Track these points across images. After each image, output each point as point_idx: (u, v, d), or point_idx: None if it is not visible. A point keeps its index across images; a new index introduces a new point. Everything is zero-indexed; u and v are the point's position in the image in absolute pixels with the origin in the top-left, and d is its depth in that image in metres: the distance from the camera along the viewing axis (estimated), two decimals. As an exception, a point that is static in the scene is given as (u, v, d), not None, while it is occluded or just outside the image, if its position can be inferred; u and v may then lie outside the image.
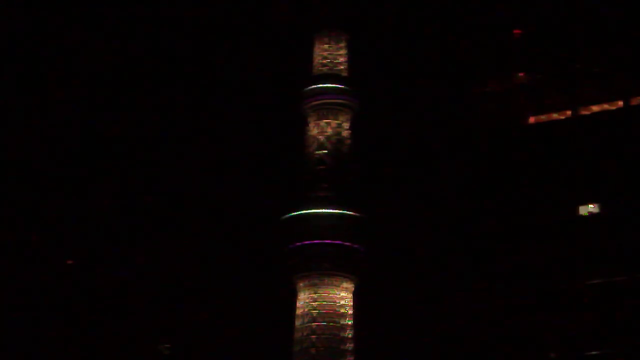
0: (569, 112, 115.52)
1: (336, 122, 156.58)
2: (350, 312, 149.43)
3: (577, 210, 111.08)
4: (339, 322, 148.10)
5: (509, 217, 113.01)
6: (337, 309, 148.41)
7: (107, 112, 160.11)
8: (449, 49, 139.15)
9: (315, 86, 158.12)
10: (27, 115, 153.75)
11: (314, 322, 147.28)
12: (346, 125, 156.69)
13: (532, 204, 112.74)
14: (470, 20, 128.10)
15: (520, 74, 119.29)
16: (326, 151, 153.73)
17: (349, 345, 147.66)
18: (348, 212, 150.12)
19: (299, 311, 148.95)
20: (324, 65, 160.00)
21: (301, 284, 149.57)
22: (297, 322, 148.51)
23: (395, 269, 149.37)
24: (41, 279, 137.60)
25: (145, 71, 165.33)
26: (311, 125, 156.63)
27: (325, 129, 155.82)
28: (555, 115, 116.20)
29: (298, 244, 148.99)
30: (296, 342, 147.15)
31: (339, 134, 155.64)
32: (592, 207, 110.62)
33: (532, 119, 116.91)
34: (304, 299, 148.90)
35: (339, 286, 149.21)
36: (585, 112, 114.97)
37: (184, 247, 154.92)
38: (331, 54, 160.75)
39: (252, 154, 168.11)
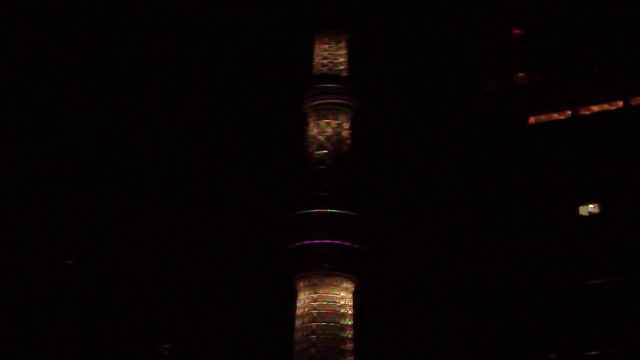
0: (569, 112, 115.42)
1: (336, 122, 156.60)
2: (350, 312, 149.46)
3: (577, 210, 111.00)
4: (339, 322, 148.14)
5: (508, 217, 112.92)
6: (337, 309, 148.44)
7: (107, 110, 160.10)
8: (448, 49, 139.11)
9: (315, 86, 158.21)
10: (26, 115, 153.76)
11: (314, 322, 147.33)
12: (346, 125, 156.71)
13: (532, 203, 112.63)
14: (470, 20, 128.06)
15: (520, 74, 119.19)
16: (326, 151, 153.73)
17: (349, 345, 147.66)
18: (348, 212, 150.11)
19: (299, 311, 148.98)
20: (324, 65, 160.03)
21: (301, 284, 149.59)
22: (297, 322, 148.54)
23: (395, 269, 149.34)
24: (41, 279, 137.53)
25: (146, 71, 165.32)
26: (311, 125, 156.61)
27: (325, 129, 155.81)
28: (555, 115, 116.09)
29: (298, 244, 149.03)
30: (296, 342, 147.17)
31: (339, 134, 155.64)
32: (592, 207, 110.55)
33: (532, 119, 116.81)
34: (304, 299, 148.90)
35: (339, 286, 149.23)
36: (585, 112, 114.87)
37: (184, 248, 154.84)
38: (331, 54, 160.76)
39: (252, 154, 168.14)
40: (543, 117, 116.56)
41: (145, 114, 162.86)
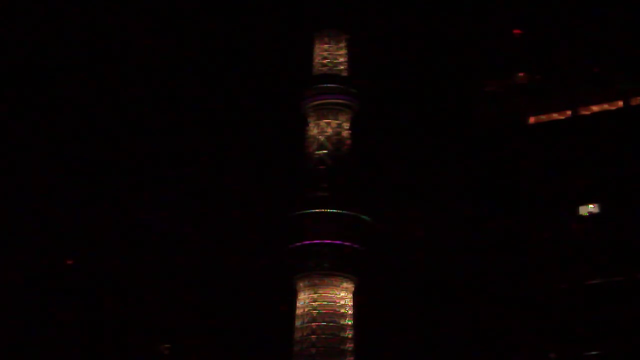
0: (569, 112, 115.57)
1: (336, 122, 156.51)
2: (350, 312, 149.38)
3: (577, 210, 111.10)
4: (339, 322, 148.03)
5: (509, 217, 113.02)
6: (337, 309, 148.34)
7: (106, 110, 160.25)
8: (449, 49, 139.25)
9: (315, 86, 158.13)
10: (27, 115, 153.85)
11: (314, 322, 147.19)
12: (346, 125, 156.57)
13: (533, 203, 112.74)
14: (470, 20, 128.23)
15: (520, 74, 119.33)
16: (326, 151, 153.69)
17: (349, 345, 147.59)
18: (348, 212, 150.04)
19: (299, 311, 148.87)
20: (324, 65, 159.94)
21: (301, 284, 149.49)
22: (297, 322, 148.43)
23: (395, 269, 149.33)
24: (41, 279, 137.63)
25: (146, 71, 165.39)
26: (311, 125, 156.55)
27: (325, 129, 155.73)
28: (555, 115, 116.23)
29: (298, 244, 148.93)
30: (296, 342, 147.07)
31: (339, 134, 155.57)
32: (592, 207, 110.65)
33: (532, 119, 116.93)
34: (304, 299, 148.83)
35: (339, 286, 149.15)
36: (585, 112, 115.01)
37: (184, 248, 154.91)
38: (331, 54, 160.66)
39: (252, 154, 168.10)
40: (543, 117, 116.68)
41: (145, 113, 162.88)
